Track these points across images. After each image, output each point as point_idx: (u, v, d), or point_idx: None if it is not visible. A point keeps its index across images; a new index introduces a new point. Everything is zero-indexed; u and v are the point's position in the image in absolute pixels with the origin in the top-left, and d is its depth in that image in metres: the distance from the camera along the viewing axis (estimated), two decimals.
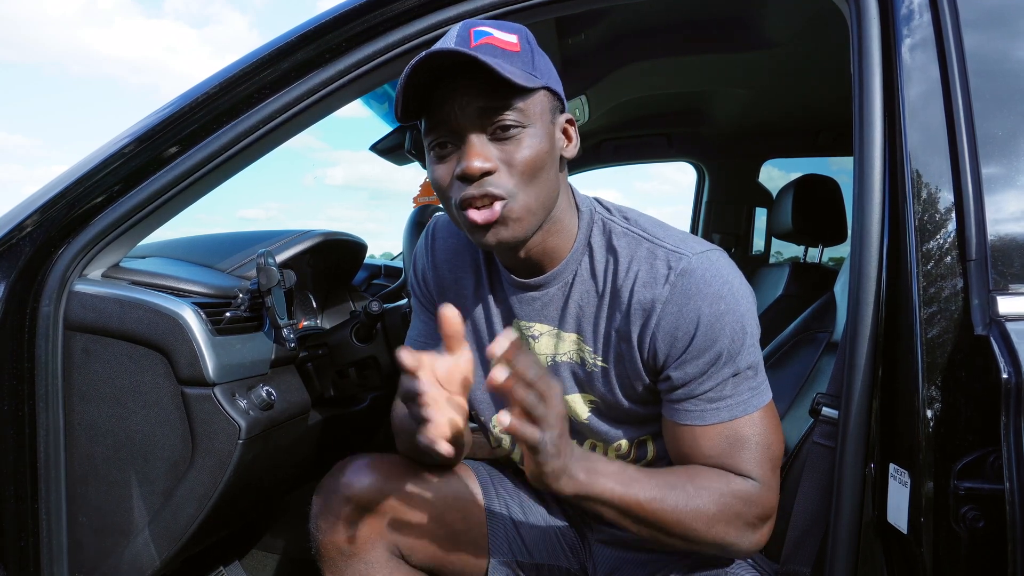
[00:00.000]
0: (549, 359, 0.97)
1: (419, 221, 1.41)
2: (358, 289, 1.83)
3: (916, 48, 0.86)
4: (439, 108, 0.82)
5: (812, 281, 2.24)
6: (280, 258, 1.38)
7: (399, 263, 2.24)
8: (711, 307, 0.85)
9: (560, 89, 0.90)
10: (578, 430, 1.00)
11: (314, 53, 1.07)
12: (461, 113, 0.81)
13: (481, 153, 0.81)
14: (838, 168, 2.71)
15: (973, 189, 0.80)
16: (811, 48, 1.82)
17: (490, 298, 1.02)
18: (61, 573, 1.09)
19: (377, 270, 2.11)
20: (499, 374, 0.68)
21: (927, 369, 0.78)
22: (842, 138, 2.54)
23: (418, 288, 1.11)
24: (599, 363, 0.94)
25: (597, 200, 0.99)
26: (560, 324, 0.96)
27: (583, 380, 0.96)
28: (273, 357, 1.25)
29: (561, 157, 0.90)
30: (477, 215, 0.83)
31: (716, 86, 2.33)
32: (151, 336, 1.08)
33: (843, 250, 2.40)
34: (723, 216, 2.91)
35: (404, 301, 1.55)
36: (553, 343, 0.96)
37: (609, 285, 0.92)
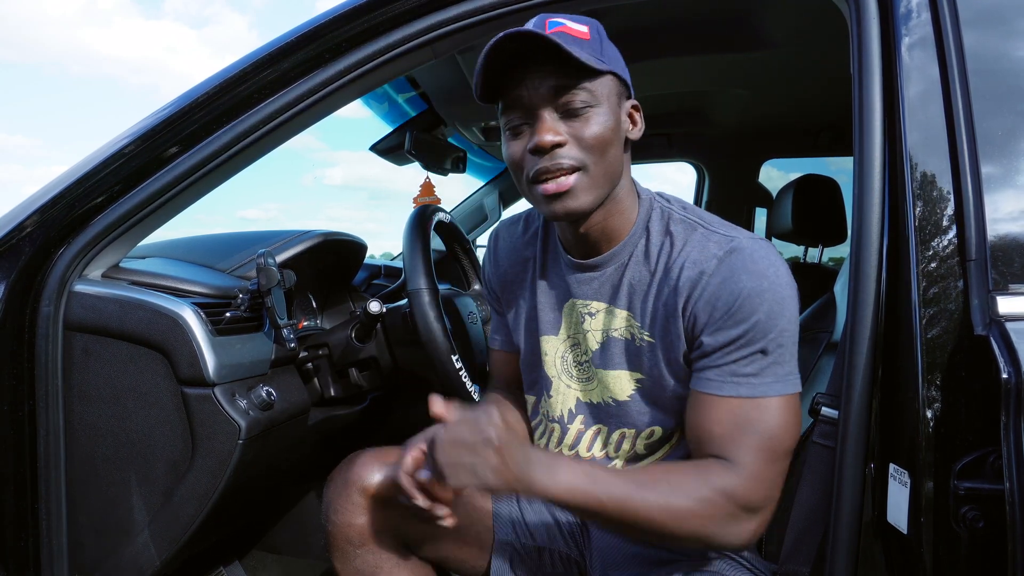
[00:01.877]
0: (604, 334, 1.02)
1: (420, 221, 1.41)
2: (358, 289, 1.83)
3: (915, 47, 0.86)
4: (514, 89, 0.90)
5: (812, 281, 2.24)
6: (280, 258, 1.38)
7: (399, 263, 2.24)
8: (754, 282, 0.88)
9: (627, 77, 0.96)
10: (612, 413, 1.02)
11: (314, 53, 1.07)
12: (535, 92, 0.88)
13: (552, 128, 0.89)
14: (837, 168, 2.71)
15: (973, 189, 0.80)
16: (811, 48, 1.82)
17: (544, 283, 1.09)
18: (61, 573, 1.09)
19: (377, 270, 2.11)
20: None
21: (927, 369, 0.78)
22: (842, 138, 2.53)
23: (488, 294, 1.22)
24: (646, 338, 0.98)
25: (659, 193, 1.05)
26: (614, 301, 1.00)
27: (632, 356, 1.00)
28: (273, 357, 1.25)
29: (627, 140, 0.96)
30: (549, 186, 0.89)
31: (716, 86, 2.32)
32: (151, 336, 1.08)
33: (843, 250, 2.40)
34: (723, 216, 2.90)
35: (404, 301, 1.55)
36: (607, 319, 1.01)
37: (662, 265, 0.96)
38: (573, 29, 0.90)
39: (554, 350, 1.07)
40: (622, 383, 1.01)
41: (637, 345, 0.98)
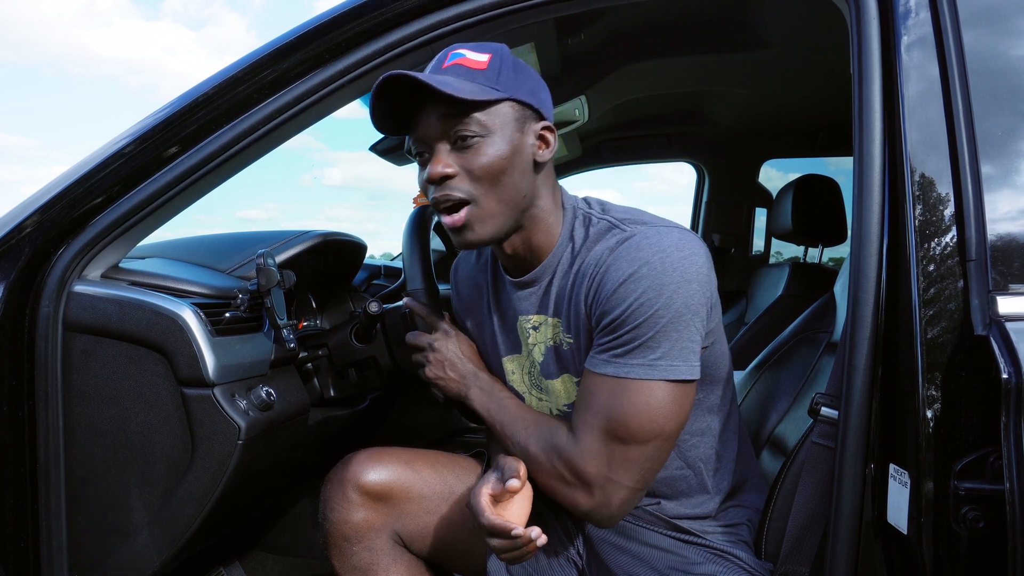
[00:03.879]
0: (544, 345, 1.04)
1: (419, 221, 1.41)
2: (358, 289, 1.83)
3: (915, 47, 0.86)
4: (414, 123, 0.94)
5: (812, 281, 2.24)
6: (280, 258, 1.38)
7: (399, 263, 2.24)
8: (632, 267, 0.89)
9: (533, 100, 0.97)
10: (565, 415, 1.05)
11: (314, 53, 1.07)
12: (427, 127, 0.93)
13: (441, 160, 0.92)
14: (836, 168, 2.71)
15: (973, 188, 0.80)
16: (811, 48, 1.82)
17: (497, 306, 1.13)
18: (61, 573, 1.09)
19: (377, 270, 2.11)
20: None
21: (927, 369, 0.78)
22: (842, 138, 2.53)
23: (460, 325, 1.24)
24: (568, 339, 1.00)
25: (584, 199, 1.06)
26: (546, 311, 1.03)
27: (563, 360, 1.03)
28: (273, 357, 1.25)
29: (535, 163, 0.97)
30: (447, 219, 0.94)
31: (716, 86, 2.32)
32: (151, 337, 1.08)
33: (843, 250, 2.40)
34: (723, 216, 2.91)
35: (404, 301, 1.55)
36: (545, 330, 1.04)
37: (576, 268, 0.99)
38: (471, 60, 0.93)
39: (520, 368, 1.11)
40: (566, 388, 1.03)
41: (564, 349, 1.01)
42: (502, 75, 0.94)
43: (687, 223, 3.08)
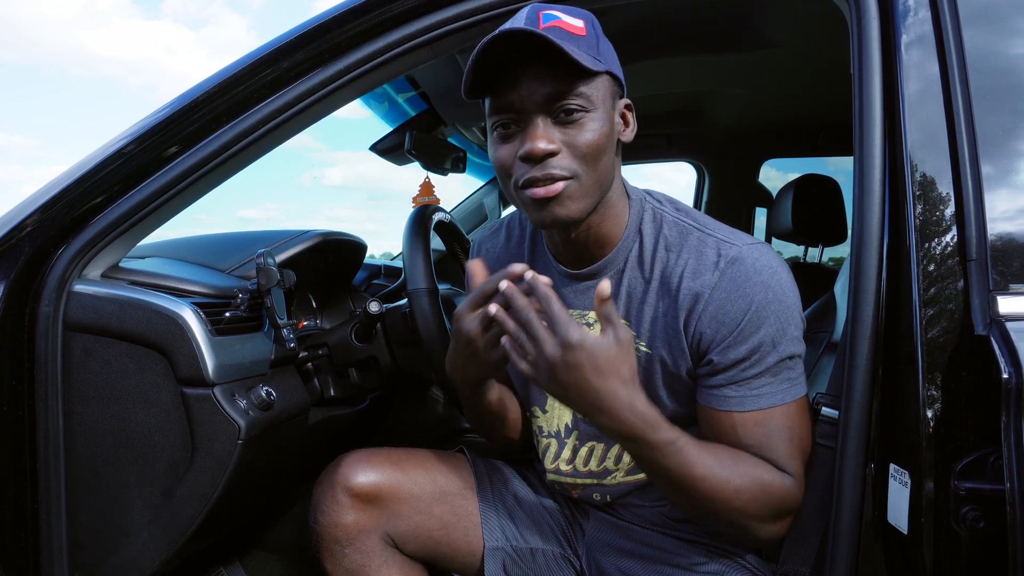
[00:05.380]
0: None
1: (419, 221, 1.40)
2: (358, 289, 1.83)
3: (915, 46, 0.86)
4: (506, 90, 0.84)
5: (812, 281, 2.24)
6: (280, 258, 1.38)
7: (399, 263, 2.24)
8: (759, 294, 0.87)
9: (621, 74, 0.92)
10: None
11: (314, 53, 1.07)
12: (528, 96, 0.83)
13: (545, 136, 0.84)
14: (835, 168, 2.71)
15: (973, 188, 0.80)
16: (811, 48, 1.82)
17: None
18: (61, 573, 1.09)
19: (377, 270, 2.11)
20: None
21: (927, 369, 0.78)
22: (842, 138, 2.53)
23: None
24: (642, 348, 0.96)
25: (647, 191, 1.02)
26: None
27: None
28: (273, 357, 1.25)
29: (618, 141, 0.92)
30: (539, 191, 0.84)
31: (716, 86, 2.32)
32: (150, 336, 1.08)
33: (843, 250, 2.40)
34: (723, 216, 2.89)
35: (404, 301, 1.55)
36: None
37: (658, 272, 0.94)
38: (568, 24, 0.84)
39: None
40: None
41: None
42: (600, 45, 0.87)
43: None
